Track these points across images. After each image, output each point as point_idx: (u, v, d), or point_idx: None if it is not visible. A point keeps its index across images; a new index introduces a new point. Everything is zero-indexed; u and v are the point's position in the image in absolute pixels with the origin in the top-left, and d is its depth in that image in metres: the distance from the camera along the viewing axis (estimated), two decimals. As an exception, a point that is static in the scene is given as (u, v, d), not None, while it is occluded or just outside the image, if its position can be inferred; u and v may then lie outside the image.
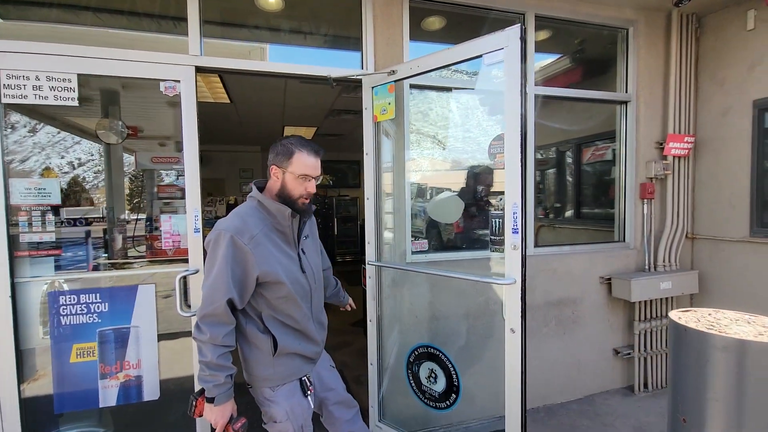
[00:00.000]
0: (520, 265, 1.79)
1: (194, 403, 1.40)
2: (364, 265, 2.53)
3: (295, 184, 1.45)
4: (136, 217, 2.91)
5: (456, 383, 2.34)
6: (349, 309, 2.06)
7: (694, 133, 3.08)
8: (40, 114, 2.72)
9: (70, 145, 3.62)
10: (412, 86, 2.52)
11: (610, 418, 2.71)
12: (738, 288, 2.88)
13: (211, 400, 1.35)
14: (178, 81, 2.14)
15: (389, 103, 2.33)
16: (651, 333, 2.99)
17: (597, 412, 2.78)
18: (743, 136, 2.81)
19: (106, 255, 2.59)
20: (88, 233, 2.44)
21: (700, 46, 3.09)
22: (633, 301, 2.79)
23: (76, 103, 2.04)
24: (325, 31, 2.66)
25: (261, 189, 1.52)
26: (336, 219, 8.35)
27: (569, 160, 4.12)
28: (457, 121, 2.93)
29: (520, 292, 1.80)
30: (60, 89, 2.01)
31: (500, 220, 2.09)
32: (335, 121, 6.00)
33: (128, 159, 3.30)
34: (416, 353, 2.45)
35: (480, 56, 2.00)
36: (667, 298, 3.02)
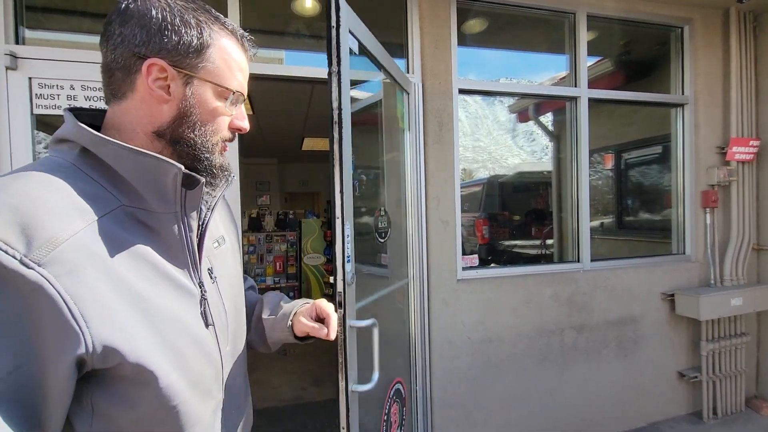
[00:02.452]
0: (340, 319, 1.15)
1: None
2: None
3: (218, 111, 0.63)
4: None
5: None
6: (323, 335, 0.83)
7: (758, 136, 2.86)
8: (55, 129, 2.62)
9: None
10: (461, 91, 2.37)
11: (682, 450, 2.46)
12: (816, 304, 2.63)
13: None
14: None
15: (405, 112, 2.21)
16: (720, 354, 2.74)
17: (666, 443, 2.53)
18: (817, 138, 2.60)
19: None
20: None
21: (758, 44, 2.90)
22: (702, 319, 2.56)
23: (111, 113, 1.91)
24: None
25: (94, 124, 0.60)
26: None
27: (610, 166, 3.92)
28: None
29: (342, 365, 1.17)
30: (96, 99, 1.89)
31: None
32: (354, 131, 5.88)
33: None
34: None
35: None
36: (735, 316, 2.77)
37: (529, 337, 2.43)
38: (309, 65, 2.27)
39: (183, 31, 0.58)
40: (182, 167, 0.58)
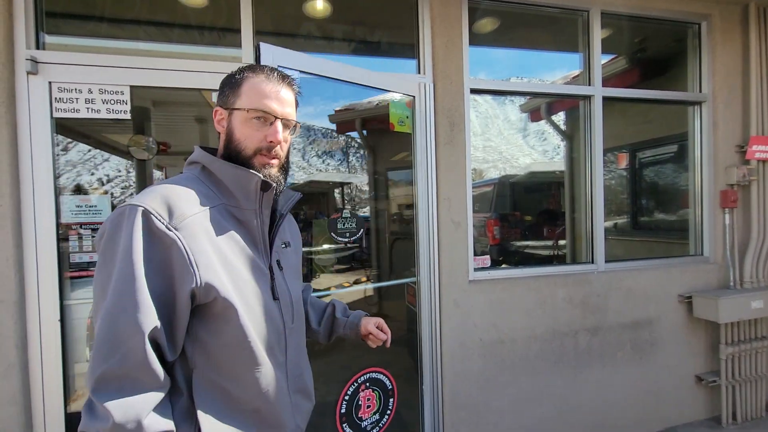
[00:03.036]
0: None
1: None
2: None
3: (248, 129, 0.85)
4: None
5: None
6: (384, 339, 1.15)
7: (779, 134, 2.79)
8: (76, 133, 2.68)
9: (99, 162, 3.62)
10: (473, 91, 2.36)
11: (701, 455, 2.40)
12: (842, 307, 2.54)
13: None
14: (231, 91, 2.03)
15: (407, 117, 2.24)
16: (739, 358, 2.67)
17: (683, 448, 2.48)
18: (842, 136, 2.51)
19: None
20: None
21: (779, 40, 2.82)
22: (721, 322, 2.50)
23: (128, 116, 1.95)
24: (378, 37, 2.53)
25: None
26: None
27: (624, 165, 3.86)
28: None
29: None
30: (112, 102, 1.92)
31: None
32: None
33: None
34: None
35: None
36: (756, 319, 2.70)
37: (542, 339, 2.40)
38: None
39: (229, 82, 0.89)
40: (261, 176, 0.84)
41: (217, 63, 2.02)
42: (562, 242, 3.54)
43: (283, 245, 0.97)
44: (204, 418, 0.76)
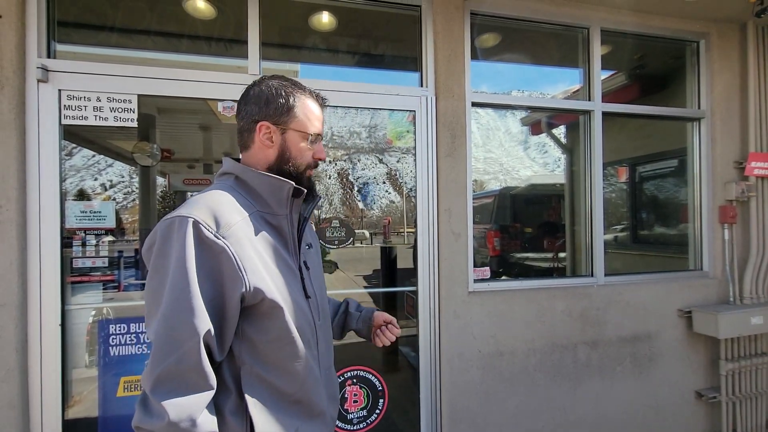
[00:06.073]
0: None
1: None
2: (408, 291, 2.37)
3: (303, 149, 0.94)
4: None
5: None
6: (392, 339, 1.16)
7: (778, 151, 2.82)
8: (81, 138, 2.71)
9: (103, 168, 3.65)
10: (475, 104, 2.39)
11: (701, 473, 2.38)
12: (842, 325, 2.54)
13: None
14: (236, 101, 2.07)
15: (408, 131, 2.32)
16: (739, 374, 2.66)
17: (683, 465, 2.45)
18: (839, 154, 2.54)
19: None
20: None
21: (776, 58, 2.86)
22: (721, 338, 2.49)
23: (135, 124, 1.98)
24: (382, 50, 2.58)
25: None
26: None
27: (624, 179, 3.89)
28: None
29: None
30: (120, 110, 1.96)
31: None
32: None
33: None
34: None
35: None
36: (756, 335, 2.69)
37: (541, 352, 2.40)
38: (322, 78, 2.33)
39: (278, 101, 0.92)
40: (293, 183, 0.90)
41: (224, 73, 2.06)
42: (561, 255, 3.54)
43: (307, 247, 1.05)
44: (255, 413, 0.82)
